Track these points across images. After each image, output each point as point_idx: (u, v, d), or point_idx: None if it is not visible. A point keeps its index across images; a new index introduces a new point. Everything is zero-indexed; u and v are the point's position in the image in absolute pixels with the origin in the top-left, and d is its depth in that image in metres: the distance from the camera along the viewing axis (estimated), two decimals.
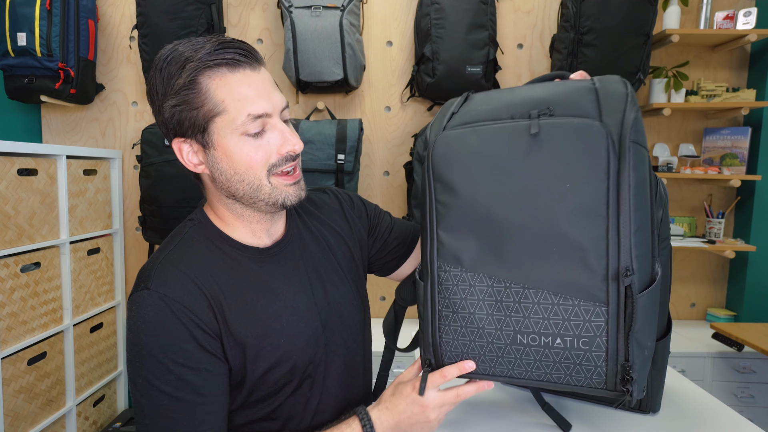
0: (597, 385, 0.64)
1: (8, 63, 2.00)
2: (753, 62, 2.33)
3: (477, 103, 0.74)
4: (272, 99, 0.75)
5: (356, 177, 2.15)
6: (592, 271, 0.61)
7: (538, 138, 0.63)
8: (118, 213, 2.32)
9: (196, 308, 0.72)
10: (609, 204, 0.60)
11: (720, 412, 0.93)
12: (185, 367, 0.71)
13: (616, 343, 0.61)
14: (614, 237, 0.60)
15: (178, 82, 0.72)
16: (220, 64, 0.72)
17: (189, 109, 0.73)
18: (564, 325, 0.63)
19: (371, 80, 2.35)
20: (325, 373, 0.84)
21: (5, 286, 1.66)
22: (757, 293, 2.32)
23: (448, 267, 0.70)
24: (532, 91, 0.70)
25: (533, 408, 0.95)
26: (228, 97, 0.72)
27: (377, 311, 2.46)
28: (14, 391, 1.69)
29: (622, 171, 0.59)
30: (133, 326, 0.72)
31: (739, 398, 2.10)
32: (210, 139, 0.74)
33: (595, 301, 0.61)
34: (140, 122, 2.36)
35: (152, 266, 0.75)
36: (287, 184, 0.78)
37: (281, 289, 0.81)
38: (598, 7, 2.00)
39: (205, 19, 2.06)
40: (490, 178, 0.66)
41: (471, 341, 0.69)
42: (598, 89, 0.65)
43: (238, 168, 0.75)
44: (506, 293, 0.66)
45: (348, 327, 0.89)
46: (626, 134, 0.59)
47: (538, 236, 0.63)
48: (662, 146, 2.33)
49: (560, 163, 0.62)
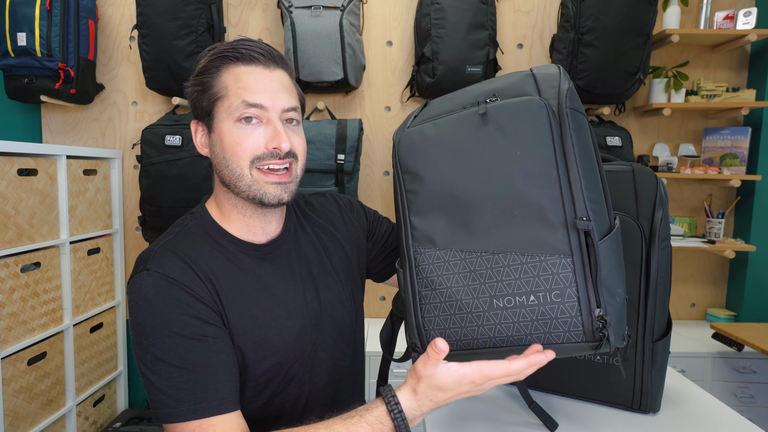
0: (576, 338, 0.66)
1: (8, 63, 2.00)
2: (753, 62, 2.33)
3: (435, 105, 0.82)
4: (274, 96, 0.78)
5: (356, 177, 2.15)
6: (552, 225, 0.65)
7: (485, 118, 0.70)
8: (118, 213, 2.32)
9: (194, 286, 0.75)
10: (558, 165, 0.66)
11: (720, 412, 0.93)
12: (191, 338, 0.72)
13: (586, 291, 0.64)
14: (567, 193, 0.65)
15: (199, 67, 0.81)
16: (237, 56, 0.78)
17: (202, 91, 0.80)
18: (535, 282, 0.66)
19: (371, 80, 2.35)
20: (312, 372, 0.85)
21: (5, 286, 1.66)
22: (757, 293, 2.32)
23: (422, 249, 0.74)
24: (481, 86, 0.77)
25: (521, 407, 0.95)
26: (232, 84, 0.78)
27: (377, 311, 2.47)
28: (14, 391, 1.69)
29: (564, 134, 0.66)
30: (135, 307, 0.73)
31: (739, 398, 2.10)
32: (213, 122, 0.80)
33: (560, 254, 0.65)
34: (140, 122, 2.36)
35: (151, 251, 0.78)
36: (268, 182, 0.79)
37: (273, 285, 0.83)
38: (598, 7, 2.00)
39: (205, 19, 2.06)
40: (449, 160, 0.72)
41: (451, 315, 0.72)
42: (536, 74, 0.72)
43: (226, 153, 0.78)
44: (478, 262, 0.69)
45: (339, 328, 0.89)
46: (563, 102, 0.66)
47: (500, 203, 0.68)
48: (662, 146, 2.33)
49: (508, 135, 0.68)
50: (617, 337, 0.65)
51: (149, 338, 0.71)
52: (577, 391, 0.98)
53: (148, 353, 0.71)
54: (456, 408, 0.95)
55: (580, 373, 0.95)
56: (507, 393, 1.02)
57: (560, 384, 0.99)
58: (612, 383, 0.93)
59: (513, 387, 1.04)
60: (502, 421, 0.90)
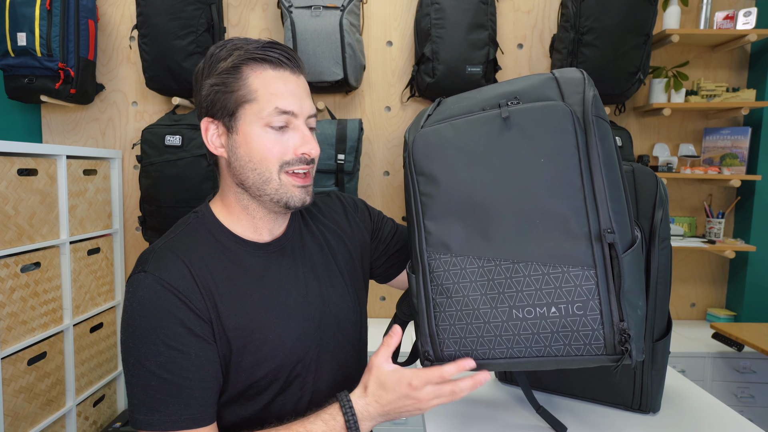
0: (597, 351, 0.65)
1: (8, 63, 2.00)
2: (753, 62, 2.33)
3: (449, 104, 0.79)
4: (302, 102, 0.80)
5: (356, 177, 2.15)
6: (575, 237, 0.64)
7: (508, 122, 0.67)
8: (118, 213, 2.32)
9: (189, 293, 0.74)
10: (582, 174, 0.64)
11: (720, 412, 0.93)
12: (175, 350, 0.72)
13: (609, 305, 0.64)
14: (592, 203, 0.64)
15: (223, 65, 0.78)
16: (264, 59, 0.78)
17: (225, 92, 0.78)
18: (556, 293, 0.65)
19: (371, 80, 2.35)
20: (316, 373, 0.84)
21: (5, 286, 1.66)
22: (757, 293, 2.32)
23: (437, 255, 0.72)
24: (499, 87, 0.76)
25: (526, 410, 0.95)
26: (262, 88, 0.77)
27: (377, 311, 2.46)
28: (14, 391, 1.69)
29: (590, 143, 0.64)
30: (129, 307, 0.74)
31: (739, 398, 2.10)
32: (236, 123, 0.79)
33: (583, 266, 0.64)
34: (140, 122, 2.36)
35: (151, 251, 0.78)
36: (295, 185, 0.80)
37: (276, 285, 0.82)
38: (598, 7, 2.00)
39: (205, 19, 2.06)
40: (468, 164, 0.70)
41: (468, 324, 0.70)
42: (558, 78, 0.71)
43: (254, 156, 0.78)
44: (497, 271, 0.68)
45: (343, 328, 0.89)
46: (588, 110, 0.64)
47: (521, 212, 0.67)
48: (662, 146, 2.33)
49: (532, 141, 0.66)
50: (638, 350, 0.65)
51: (136, 341, 0.72)
52: (578, 391, 0.98)
53: (132, 355, 0.73)
54: (461, 410, 0.95)
55: (580, 374, 0.95)
56: (513, 396, 1.01)
57: (560, 384, 0.99)
58: (612, 383, 0.93)
59: (518, 389, 1.03)
60: (508, 424, 0.90)
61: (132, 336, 0.73)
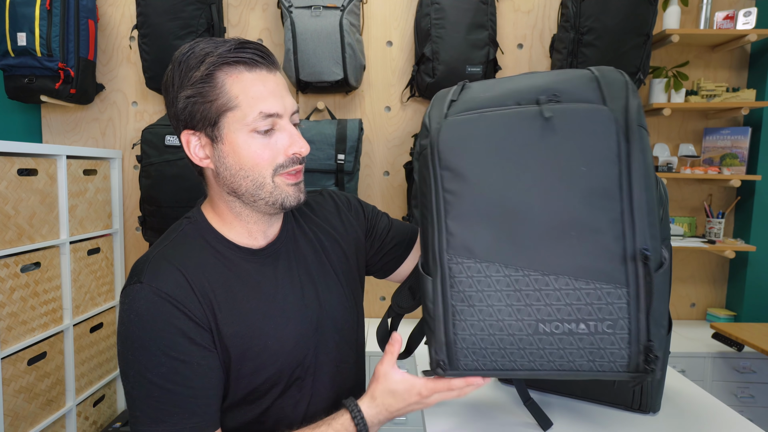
0: (619, 369, 0.64)
1: (8, 63, 2.00)
2: (753, 62, 2.33)
3: (477, 91, 0.73)
4: (284, 101, 0.77)
5: (356, 177, 2.15)
6: (611, 253, 0.61)
7: (551, 122, 0.63)
8: (118, 213, 2.32)
9: (187, 302, 0.73)
10: (622, 186, 0.61)
11: (720, 412, 0.93)
12: (177, 359, 0.71)
13: (637, 324, 0.62)
14: (629, 218, 0.61)
15: (196, 75, 0.74)
16: (238, 62, 0.74)
17: (203, 102, 0.74)
18: (587, 310, 0.63)
19: (371, 80, 2.35)
20: (315, 375, 0.84)
21: (5, 286, 1.66)
22: (757, 293, 2.32)
23: (459, 259, 0.66)
24: (532, 78, 0.70)
25: (517, 406, 0.94)
26: (242, 94, 0.74)
27: (377, 311, 2.46)
28: (14, 391, 1.69)
29: (632, 153, 0.60)
30: (126, 319, 0.72)
31: (739, 398, 2.10)
32: (219, 133, 0.75)
33: (616, 283, 0.62)
34: (140, 122, 2.36)
35: (146, 260, 0.77)
36: (289, 184, 0.79)
37: (272, 290, 0.81)
38: (598, 7, 2.00)
39: (205, 19, 2.06)
40: (503, 164, 0.64)
41: (489, 335, 0.66)
42: (599, 77, 0.66)
43: (244, 164, 0.76)
44: (525, 281, 0.64)
45: (340, 330, 0.88)
46: (632, 118, 0.61)
47: (556, 221, 0.63)
48: (662, 146, 2.33)
49: (574, 147, 0.62)
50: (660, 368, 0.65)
51: (136, 353, 0.71)
52: (578, 391, 0.97)
53: (132, 368, 0.71)
54: (461, 410, 0.95)
55: None
56: (513, 396, 1.01)
57: (561, 384, 0.99)
58: (612, 383, 0.93)
59: (511, 386, 1.04)
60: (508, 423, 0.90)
61: (131, 348, 0.71)
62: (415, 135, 2.25)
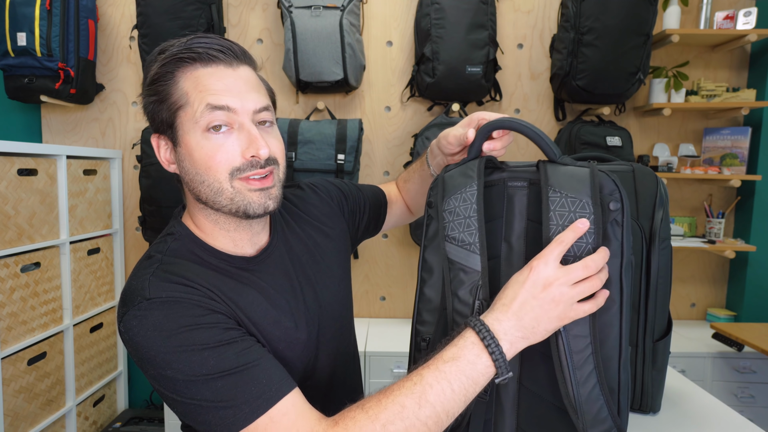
0: None
1: (8, 63, 2.00)
2: (753, 62, 2.33)
3: None
4: (243, 96, 0.70)
5: (356, 177, 2.15)
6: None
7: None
8: (118, 213, 2.32)
9: (206, 301, 0.68)
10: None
11: (720, 412, 0.93)
12: (219, 346, 0.64)
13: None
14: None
15: (152, 75, 0.71)
16: (193, 57, 0.70)
17: (159, 101, 0.71)
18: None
19: (371, 80, 2.35)
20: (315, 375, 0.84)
21: (5, 286, 1.66)
22: (757, 293, 2.32)
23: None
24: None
25: None
26: (192, 89, 0.69)
27: (377, 311, 2.46)
28: (14, 391, 1.69)
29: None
30: (144, 341, 0.64)
31: (739, 398, 2.10)
32: (177, 135, 0.71)
33: None
34: (140, 122, 2.36)
35: (142, 283, 0.68)
36: (251, 189, 0.71)
37: (275, 296, 0.78)
38: (598, 7, 2.00)
39: (205, 19, 2.06)
40: None
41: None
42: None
43: (199, 168, 0.70)
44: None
45: (339, 328, 0.88)
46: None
47: None
48: (662, 146, 2.33)
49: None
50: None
51: (173, 366, 0.63)
52: None
53: (177, 381, 0.63)
54: None
55: None
56: None
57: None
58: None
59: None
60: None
61: (165, 364, 0.63)
62: (415, 135, 2.25)
